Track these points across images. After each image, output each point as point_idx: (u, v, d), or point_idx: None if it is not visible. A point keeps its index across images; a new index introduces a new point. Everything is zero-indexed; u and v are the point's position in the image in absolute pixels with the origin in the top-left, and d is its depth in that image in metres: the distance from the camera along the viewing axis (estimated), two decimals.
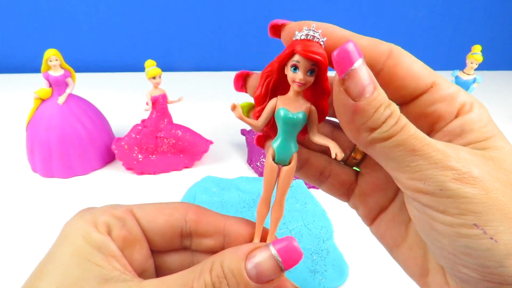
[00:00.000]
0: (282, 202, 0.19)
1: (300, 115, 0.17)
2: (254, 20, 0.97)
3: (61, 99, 0.46)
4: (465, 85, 0.47)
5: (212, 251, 0.19)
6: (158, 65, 0.46)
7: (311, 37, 0.17)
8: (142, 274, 0.19)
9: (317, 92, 0.18)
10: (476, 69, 0.46)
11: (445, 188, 0.15)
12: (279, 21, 0.18)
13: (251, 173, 0.50)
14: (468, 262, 0.15)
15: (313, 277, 0.32)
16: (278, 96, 0.18)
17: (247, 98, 0.22)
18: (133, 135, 0.48)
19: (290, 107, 0.18)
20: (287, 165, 0.18)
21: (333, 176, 0.21)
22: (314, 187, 0.47)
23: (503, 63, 1.07)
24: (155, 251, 0.20)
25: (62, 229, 0.18)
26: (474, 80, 0.46)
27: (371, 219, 0.21)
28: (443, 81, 0.18)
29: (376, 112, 0.16)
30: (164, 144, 0.49)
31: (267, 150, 0.19)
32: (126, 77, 0.92)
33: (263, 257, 0.16)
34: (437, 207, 0.15)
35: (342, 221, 0.40)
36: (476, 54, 0.45)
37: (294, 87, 0.17)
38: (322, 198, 0.45)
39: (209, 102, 0.77)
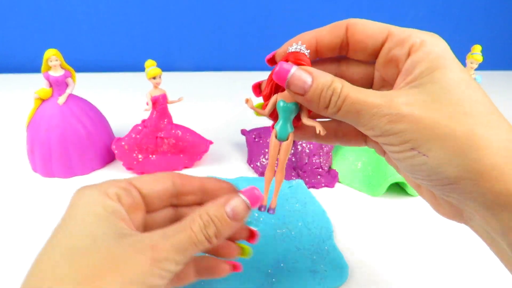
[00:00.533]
0: (283, 168, 0.26)
1: (293, 105, 0.24)
2: (254, 20, 0.97)
3: (61, 99, 0.46)
4: None
5: (195, 204, 0.26)
6: (158, 65, 0.46)
7: (299, 49, 0.23)
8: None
9: None
10: (476, 69, 0.46)
11: (385, 130, 0.20)
12: (269, 55, 0.25)
13: (251, 173, 0.50)
14: (418, 175, 0.21)
15: (313, 277, 0.32)
16: (278, 93, 0.25)
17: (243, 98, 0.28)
18: (133, 135, 0.48)
19: (286, 99, 0.24)
20: (285, 141, 0.25)
21: (346, 134, 0.27)
22: (314, 187, 0.47)
23: (503, 63, 1.07)
24: (149, 211, 0.25)
25: (74, 198, 0.23)
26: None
27: (383, 152, 0.27)
28: (397, 29, 0.22)
29: (321, 97, 0.21)
30: (164, 144, 0.49)
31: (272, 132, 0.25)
32: (126, 77, 0.92)
33: (236, 202, 0.23)
34: (388, 144, 0.21)
35: (342, 221, 0.41)
36: (476, 54, 0.45)
37: None
38: (322, 198, 0.45)
39: (209, 102, 0.77)
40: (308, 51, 0.23)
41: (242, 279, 0.30)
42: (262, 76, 0.28)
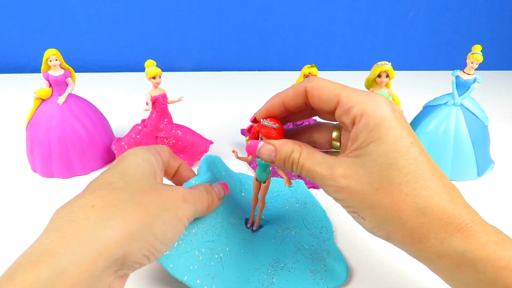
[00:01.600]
0: (263, 199, 0.34)
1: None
2: (254, 20, 0.97)
3: (61, 99, 0.46)
4: (466, 85, 0.47)
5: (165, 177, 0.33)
6: (158, 65, 0.46)
7: (268, 125, 0.28)
8: None
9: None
10: (476, 69, 0.46)
11: (333, 197, 0.25)
12: (252, 117, 0.31)
13: (251, 173, 0.50)
14: (364, 228, 0.26)
15: (313, 277, 0.31)
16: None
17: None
18: (133, 135, 0.48)
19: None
20: (264, 183, 0.33)
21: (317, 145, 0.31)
22: (314, 187, 0.47)
23: (503, 63, 1.07)
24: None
25: (124, 154, 0.28)
26: (475, 80, 0.46)
27: None
28: (345, 97, 0.25)
29: (285, 164, 0.27)
30: (164, 144, 0.49)
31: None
32: (126, 77, 0.92)
33: (217, 185, 0.32)
34: (340, 204, 0.26)
35: (342, 221, 0.40)
36: (476, 54, 0.45)
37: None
38: (322, 198, 0.45)
39: (209, 102, 0.77)
40: (277, 125, 0.27)
41: (242, 279, 0.30)
42: (262, 76, 0.28)
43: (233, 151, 0.33)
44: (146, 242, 0.23)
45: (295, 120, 0.31)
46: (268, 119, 0.28)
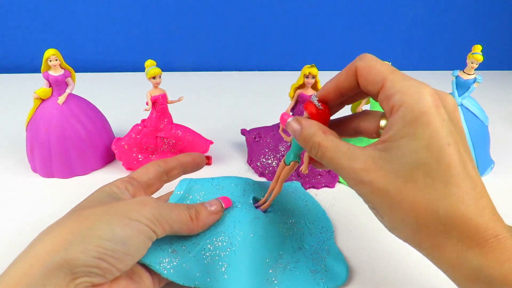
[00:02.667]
0: (281, 184, 0.33)
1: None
2: (254, 20, 0.97)
3: (61, 99, 0.46)
4: (466, 85, 0.47)
5: (180, 175, 0.35)
6: (158, 65, 0.46)
7: (315, 102, 0.28)
8: None
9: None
10: (476, 69, 0.46)
11: (353, 189, 0.24)
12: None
13: (251, 173, 0.50)
14: (383, 225, 0.24)
15: (313, 277, 0.31)
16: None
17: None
18: (133, 135, 0.48)
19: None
20: (288, 166, 0.32)
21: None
22: (314, 187, 0.47)
23: (503, 63, 1.07)
24: (152, 191, 0.34)
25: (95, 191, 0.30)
26: (475, 80, 0.46)
27: None
28: (389, 82, 0.23)
29: (306, 145, 0.26)
30: (164, 144, 0.49)
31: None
32: (126, 77, 0.92)
33: (215, 202, 0.32)
34: (361, 197, 0.24)
35: (342, 221, 0.40)
36: (476, 54, 0.45)
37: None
38: (322, 198, 0.45)
39: (209, 102, 0.77)
40: (321, 107, 0.27)
41: (242, 278, 0.30)
42: (262, 76, 0.28)
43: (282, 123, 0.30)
44: (89, 243, 0.23)
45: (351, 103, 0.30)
46: (317, 99, 0.27)
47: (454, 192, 0.20)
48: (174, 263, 0.28)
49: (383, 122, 0.26)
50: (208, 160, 0.35)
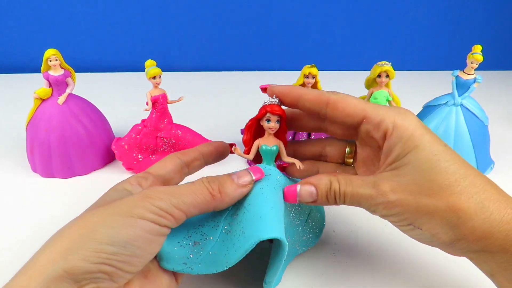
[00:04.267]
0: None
1: (274, 147, 0.30)
2: (254, 20, 0.97)
3: (61, 99, 0.46)
4: (465, 85, 0.47)
5: (201, 167, 0.32)
6: (158, 65, 0.46)
7: (274, 102, 0.29)
8: None
9: (280, 132, 0.30)
10: (476, 69, 0.46)
11: (384, 214, 0.25)
12: (265, 85, 0.31)
13: None
14: (422, 242, 0.26)
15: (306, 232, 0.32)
16: (259, 138, 0.30)
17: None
18: (133, 135, 0.48)
19: (268, 143, 0.30)
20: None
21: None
22: None
23: (503, 63, 1.07)
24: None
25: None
26: (475, 80, 0.46)
27: None
28: (371, 111, 0.25)
29: (328, 199, 0.27)
30: (164, 144, 0.49)
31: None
32: (126, 77, 0.92)
33: (241, 171, 0.28)
34: (391, 221, 0.26)
35: (342, 222, 0.41)
36: (476, 54, 0.45)
37: (269, 132, 0.29)
38: None
39: (209, 102, 0.77)
40: (278, 100, 0.28)
41: (262, 225, 0.26)
42: (262, 76, 0.29)
43: (233, 147, 0.31)
44: (89, 250, 0.21)
45: (298, 130, 0.32)
46: (274, 96, 0.28)
47: (474, 181, 0.23)
48: (200, 256, 0.26)
49: (348, 149, 0.29)
50: (231, 148, 0.33)
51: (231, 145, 0.33)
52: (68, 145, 0.46)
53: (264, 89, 0.31)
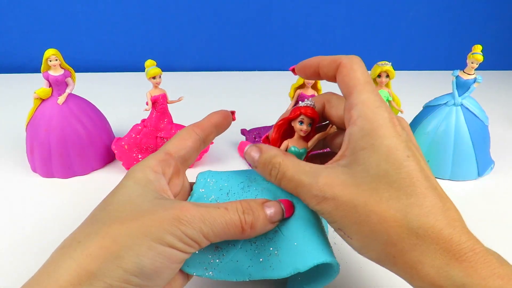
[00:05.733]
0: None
1: (303, 150, 0.28)
2: (254, 20, 0.97)
3: (61, 99, 0.46)
4: (466, 85, 0.47)
5: (212, 140, 0.31)
6: (158, 65, 0.46)
7: (309, 104, 0.28)
8: (179, 193, 0.28)
9: (309, 135, 0.29)
10: (476, 69, 0.46)
11: (315, 210, 0.23)
12: (292, 66, 0.29)
13: None
14: (353, 248, 0.23)
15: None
16: (288, 139, 0.29)
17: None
18: (133, 135, 0.48)
19: (297, 145, 0.28)
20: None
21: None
22: None
23: (503, 63, 1.07)
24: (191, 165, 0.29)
25: (126, 174, 0.25)
26: (475, 80, 0.46)
27: None
28: (357, 92, 0.23)
29: (264, 168, 0.25)
30: (164, 144, 0.49)
31: None
32: (126, 77, 0.92)
33: (276, 207, 0.24)
34: (324, 218, 0.23)
35: None
36: (476, 54, 0.45)
37: (300, 134, 0.28)
38: None
39: (209, 102, 0.77)
40: (314, 105, 0.28)
41: (299, 258, 0.25)
42: (262, 76, 0.28)
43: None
44: (113, 279, 0.19)
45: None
46: (311, 99, 0.28)
47: (421, 202, 0.20)
48: (221, 262, 0.25)
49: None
50: (233, 115, 0.33)
51: (232, 112, 0.33)
52: (68, 145, 0.46)
53: (293, 70, 0.30)
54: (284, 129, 0.29)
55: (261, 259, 0.25)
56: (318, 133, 0.30)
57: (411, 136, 0.24)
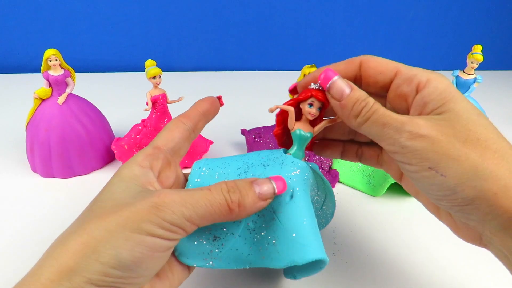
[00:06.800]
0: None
1: (309, 134, 0.28)
2: (254, 20, 0.97)
3: (61, 99, 0.46)
4: (466, 85, 0.47)
5: (202, 128, 0.30)
6: (158, 65, 0.46)
7: (321, 87, 0.26)
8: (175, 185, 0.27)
9: (316, 120, 0.28)
10: (476, 69, 0.46)
11: (404, 146, 0.22)
12: (292, 86, 0.29)
13: None
14: (437, 195, 0.22)
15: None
16: (296, 122, 0.28)
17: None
18: (133, 135, 0.48)
19: (304, 128, 0.27)
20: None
21: (364, 154, 0.31)
22: None
23: (503, 63, 1.07)
24: (182, 156, 0.29)
25: (115, 172, 0.25)
26: (475, 80, 0.46)
27: (398, 178, 0.29)
28: (404, 68, 0.25)
29: (354, 105, 0.23)
30: None
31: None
32: (126, 77, 0.92)
33: (266, 184, 0.24)
34: (405, 161, 0.23)
35: (342, 222, 0.40)
36: (476, 54, 0.45)
37: (308, 117, 0.27)
38: None
39: None
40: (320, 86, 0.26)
41: (296, 249, 0.24)
42: (262, 76, 0.28)
43: (273, 108, 0.27)
44: (91, 272, 0.19)
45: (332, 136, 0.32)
46: (319, 82, 0.26)
47: (510, 145, 0.22)
48: (220, 251, 0.25)
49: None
50: (220, 101, 0.32)
51: (218, 97, 0.32)
52: (68, 145, 0.46)
53: (291, 90, 0.29)
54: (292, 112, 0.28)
55: (260, 248, 0.25)
56: (325, 120, 0.28)
57: None
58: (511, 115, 0.74)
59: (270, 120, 0.55)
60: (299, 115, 0.28)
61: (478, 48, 0.45)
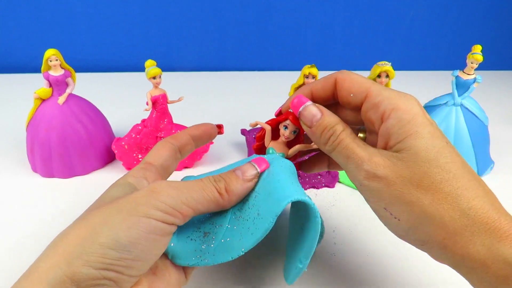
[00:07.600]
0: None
1: (280, 154, 0.29)
2: (254, 20, 0.97)
3: (61, 99, 0.46)
4: (465, 85, 0.47)
5: (191, 151, 0.32)
6: (158, 65, 0.46)
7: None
8: None
9: (294, 141, 0.30)
10: (476, 69, 0.46)
11: (362, 184, 0.23)
12: (277, 110, 0.30)
13: None
14: (395, 233, 0.24)
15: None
16: (272, 141, 0.30)
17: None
18: (133, 135, 0.48)
19: (277, 148, 0.29)
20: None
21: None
22: (314, 187, 0.47)
23: (503, 63, 1.07)
24: (170, 173, 0.30)
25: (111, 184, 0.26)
26: (475, 80, 0.46)
27: None
28: (375, 90, 0.24)
29: (322, 133, 0.24)
30: None
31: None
32: (126, 77, 0.92)
33: (246, 165, 0.26)
34: (365, 197, 0.24)
35: (342, 222, 0.41)
36: (476, 54, 0.45)
37: (282, 139, 0.29)
38: (322, 198, 0.45)
39: (209, 102, 0.77)
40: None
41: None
42: (262, 76, 0.28)
43: (253, 123, 0.31)
44: (91, 255, 0.20)
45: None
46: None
47: (468, 186, 0.21)
48: (213, 246, 0.25)
49: (361, 135, 0.28)
50: (220, 129, 0.33)
51: (219, 126, 0.33)
52: (68, 145, 0.46)
53: (277, 115, 0.30)
54: (272, 128, 0.30)
55: (248, 227, 0.25)
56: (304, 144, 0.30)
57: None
58: (511, 115, 0.74)
59: None
60: (277, 134, 0.29)
61: (478, 48, 0.45)
